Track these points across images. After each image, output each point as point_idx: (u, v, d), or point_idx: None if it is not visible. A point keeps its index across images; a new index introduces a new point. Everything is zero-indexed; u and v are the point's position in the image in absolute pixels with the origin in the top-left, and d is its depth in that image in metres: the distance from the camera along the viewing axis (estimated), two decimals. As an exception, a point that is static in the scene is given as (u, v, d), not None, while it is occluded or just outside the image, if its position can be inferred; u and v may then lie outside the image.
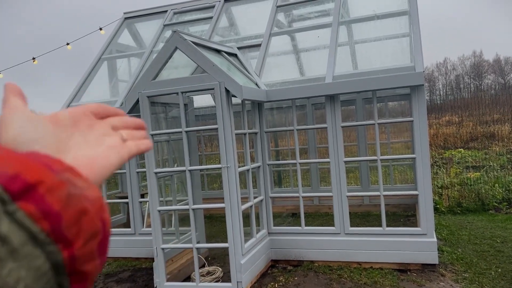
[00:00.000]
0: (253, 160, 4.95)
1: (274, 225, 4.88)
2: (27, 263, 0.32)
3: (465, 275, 4.22)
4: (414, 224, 5.74)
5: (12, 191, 0.32)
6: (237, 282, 3.99)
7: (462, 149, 12.77)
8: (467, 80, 51.76)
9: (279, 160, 7.88)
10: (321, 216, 6.89)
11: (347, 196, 4.57)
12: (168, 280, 4.26)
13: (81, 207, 0.36)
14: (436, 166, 10.09)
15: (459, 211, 7.06)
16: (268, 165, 4.90)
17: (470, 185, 7.76)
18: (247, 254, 4.20)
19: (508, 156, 10.91)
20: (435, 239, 4.31)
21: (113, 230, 5.62)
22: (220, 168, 4.05)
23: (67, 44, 8.25)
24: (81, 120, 0.48)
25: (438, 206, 7.03)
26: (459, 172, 9.26)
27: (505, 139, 12.93)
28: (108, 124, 0.51)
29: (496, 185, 7.75)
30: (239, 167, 4.17)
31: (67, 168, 0.37)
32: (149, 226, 5.32)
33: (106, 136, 0.49)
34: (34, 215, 0.33)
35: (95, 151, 0.46)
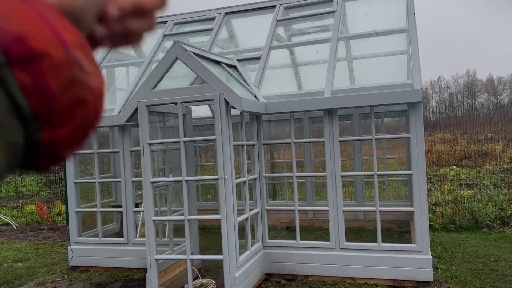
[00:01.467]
0: (249, 172, 4.94)
1: (269, 238, 4.85)
2: (2, 134, 0.29)
3: (459, 293, 4.21)
4: (409, 240, 5.73)
5: (11, 54, 0.28)
6: (231, 295, 3.95)
7: (455, 166, 12.86)
8: (460, 98, 52.36)
9: (274, 173, 7.87)
10: (315, 230, 6.87)
11: (343, 211, 4.56)
12: (160, 292, 4.20)
13: (79, 96, 0.32)
14: (430, 182, 10.13)
15: (452, 229, 7.07)
16: (264, 177, 4.89)
17: (464, 203, 7.79)
18: (242, 267, 4.16)
19: (501, 174, 10.99)
20: (430, 256, 4.31)
21: (106, 239, 5.56)
22: (214, 179, 4.04)
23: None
24: None
25: (432, 223, 7.04)
26: (453, 189, 9.30)
27: (498, 158, 13.04)
28: None
29: (489, 203, 7.79)
30: (236, 178, 4.16)
31: (79, 43, 0.32)
32: (142, 236, 5.26)
33: None
34: (27, 87, 0.29)
35: None
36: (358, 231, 6.61)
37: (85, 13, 0.36)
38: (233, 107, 4.03)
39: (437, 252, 5.59)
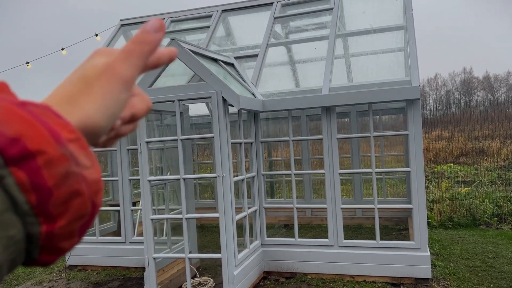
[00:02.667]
0: (247, 170, 4.93)
1: (267, 236, 4.84)
2: (2, 230, 0.30)
3: (458, 290, 4.21)
4: (407, 237, 5.74)
5: (8, 154, 0.30)
6: (229, 293, 3.93)
7: (452, 164, 12.88)
8: (457, 96, 52.49)
9: (271, 171, 7.86)
10: (313, 227, 6.87)
11: (341, 208, 4.56)
12: (159, 291, 4.18)
13: (75, 188, 0.33)
14: (427, 180, 10.15)
15: (450, 226, 7.08)
16: (262, 175, 4.88)
17: (461, 200, 7.80)
18: (240, 265, 4.15)
19: (498, 171, 11.02)
20: (428, 253, 4.31)
21: (103, 238, 5.54)
22: (212, 177, 4.02)
23: (62, 49, 8.19)
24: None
25: (429, 220, 7.04)
26: (450, 186, 9.32)
27: (495, 155, 13.08)
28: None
29: (487, 200, 7.81)
30: (233, 176, 4.14)
31: (75, 138, 0.34)
32: (140, 234, 5.24)
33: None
34: (24, 184, 0.31)
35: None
36: (356, 229, 6.61)
37: (104, 130, 0.40)
38: (231, 105, 4.01)
39: (435, 249, 5.59)
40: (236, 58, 5.46)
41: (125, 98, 0.41)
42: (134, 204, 5.38)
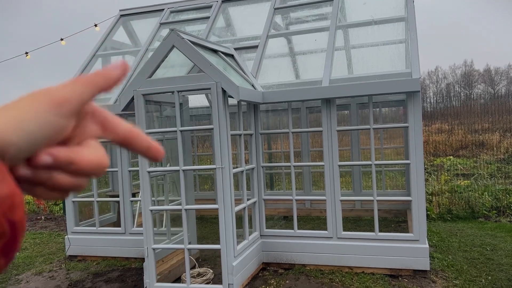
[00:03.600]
0: (246, 162, 4.92)
1: (266, 228, 4.85)
2: None
3: (455, 282, 4.24)
4: (405, 229, 5.76)
5: None
6: (228, 284, 3.96)
7: (452, 157, 12.89)
8: (457, 89, 52.37)
9: (271, 162, 7.86)
10: (312, 219, 6.89)
11: (341, 200, 4.56)
12: (158, 281, 4.20)
13: None
14: (427, 172, 10.16)
15: (449, 218, 7.10)
16: (262, 167, 4.88)
17: (460, 193, 7.82)
18: (239, 256, 4.16)
19: (497, 164, 11.03)
20: (427, 245, 4.32)
21: (103, 229, 5.55)
22: (212, 169, 4.02)
23: (61, 39, 8.15)
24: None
25: (428, 213, 7.06)
26: (449, 179, 9.33)
27: (495, 148, 13.08)
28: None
29: (486, 193, 7.82)
30: (233, 168, 4.14)
31: None
32: (139, 225, 5.26)
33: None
34: None
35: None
36: (355, 221, 6.63)
37: (17, 149, 0.34)
38: (231, 97, 3.99)
39: (433, 241, 5.62)
40: (236, 49, 5.43)
41: (55, 122, 0.36)
42: (133, 195, 5.39)
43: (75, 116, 0.39)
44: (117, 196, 5.51)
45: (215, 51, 4.74)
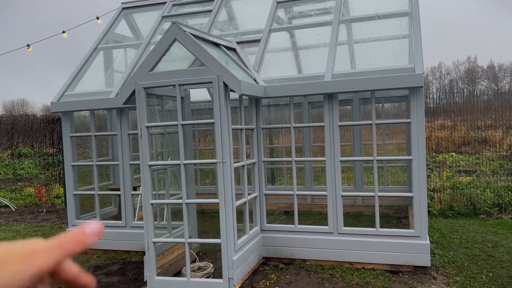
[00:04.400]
0: (247, 156, 4.91)
1: (267, 222, 4.85)
2: None
3: (456, 278, 4.23)
4: (406, 225, 5.74)
5: None
6: (229, 278, 3.96)
7: (454, 153, 12.84)
8: (460, 85, 52.14)
9: (272, 157, 7.84)
10: (313, 214, 6.88)
11: (342, 196, 4.55)
12: (158, 275, 4.21)
13: None
14: (429, 169, 10.13)
15: (450, 215, 7.09)
16: (263, 161, 4.87)
17: (462, 189, 7.80)
18: (240, 251, 4.16)
19: (500, 161, 10.99)
20: (428, 242, 4.31)
21: (104, 222, 5.56)
22: (213, 163, 4.01)
23: (63, 32, 8.12)
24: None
25: (430, 209, 7.05)
26: (451, 175, 9.30)
27: (497, 145, 13.03)
28: None
29: (488, 190, 7.79)
30: (234, 162, 4.13)
31: None
32: (140, 219, 5.26)
33: None
34: None
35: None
36: (356, 216, 6.62)
37: None
38: (232, 91, 3.97)
39: (434, 237, 5.60)
40: (238, 43, 5.40)
41: (27, 281, 0.43)
42: (134, 188, 5.39)
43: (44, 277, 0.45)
44: (118, 190, 5.51)
45: (217, 44, 4.71)
